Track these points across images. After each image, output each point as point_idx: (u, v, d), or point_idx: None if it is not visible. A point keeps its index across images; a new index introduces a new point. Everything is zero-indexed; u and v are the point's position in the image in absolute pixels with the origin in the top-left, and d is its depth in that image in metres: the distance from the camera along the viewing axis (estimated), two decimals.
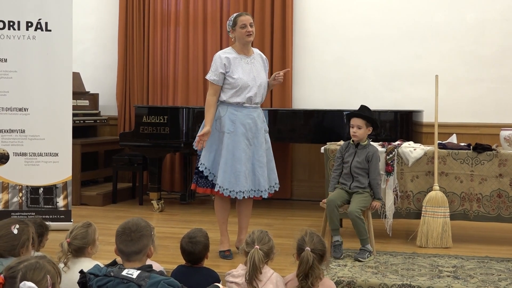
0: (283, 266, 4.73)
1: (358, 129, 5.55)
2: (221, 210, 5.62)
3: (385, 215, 6.10)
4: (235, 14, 5.61)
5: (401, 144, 6.18)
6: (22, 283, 2.53)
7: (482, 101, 8.23)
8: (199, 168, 5.52)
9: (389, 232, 6.11)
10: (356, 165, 5.56)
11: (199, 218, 7.31)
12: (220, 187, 5.39)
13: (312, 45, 8.80)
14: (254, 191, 5.50)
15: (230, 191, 5.39)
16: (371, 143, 5.73)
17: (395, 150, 6.05)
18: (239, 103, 5.49)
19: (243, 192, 5.41)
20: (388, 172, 6.01)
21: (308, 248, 3.75)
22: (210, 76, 5.50)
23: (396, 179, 6.06)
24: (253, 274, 3.70)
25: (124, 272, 3.08)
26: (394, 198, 6.08)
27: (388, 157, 6.03)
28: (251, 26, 5.51)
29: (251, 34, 5.52)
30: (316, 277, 3.73)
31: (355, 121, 5.57)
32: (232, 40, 5.67)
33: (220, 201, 5.58)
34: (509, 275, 4.89)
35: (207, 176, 5.49)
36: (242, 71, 5.51)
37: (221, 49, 8.86)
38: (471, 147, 6.15)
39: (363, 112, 5.59)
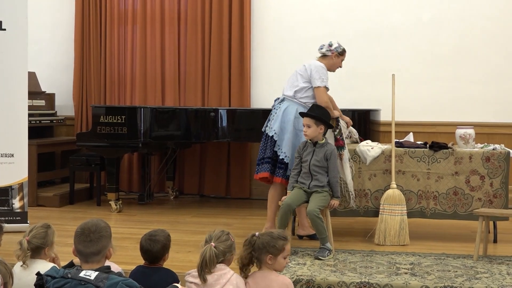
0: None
1: (308, 128, 5.60)
2: (278, 199, 5.89)
3: (348, 190, 6.04)
4: (343, 46, 6.22)
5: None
6: None
7: (438, 99, 8.34)
8: (284, 160, 5.93)
9: (354, 206, 6.11)
10: (315, 163, 5.59)
11: (158, 219, 7.28)
12: None
13: (270, 45, 8.82)
14: None
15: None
16: (329, 142, 5.77)
17: (339, 124, 6.00)
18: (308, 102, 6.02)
19: None
20: (341, 146, 5.92)
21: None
22: (325, 84, 5.99)
23: (348, 153, 6.04)
24: (202, 271, 3.70)
25: (82, 274, 3.05)
26: (351, 171, 6.05)
27: (335, 133, 5.96)
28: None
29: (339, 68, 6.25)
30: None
31: (305, 120, 5.64)
32: (323, 58, 6.15)
33: (283, 192, 6.01)
34: (465, 272, 4.96)
35: (287, 168, 5.93)
36: None
37: (179, 48, 8.91)
38: (428, 145, 6.22)
39: (312, 111, 5.64)
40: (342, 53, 6.15)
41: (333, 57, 6.13)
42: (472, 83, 8.29)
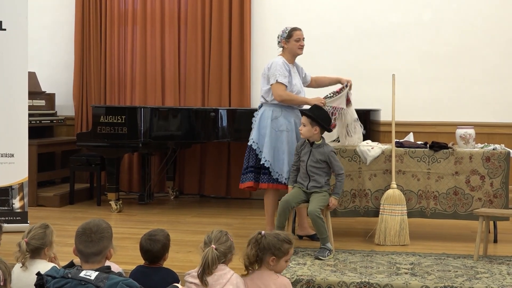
0: (243, 265, 4.73)
1: (303, 127, 5.63)
2: (275, 204, 6.01)
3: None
4: (290, 27, 6.13)
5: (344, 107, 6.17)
6: None
7: (438, 99, 8.35)
8: (265, 165, 5.93)
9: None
10: (312, 164, 5.60)
11: (158, 219, 7.28)
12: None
13: (271, 45, 8.72)
14: None
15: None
16: (327, 142, 5.77)
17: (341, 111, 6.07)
18: (293, 105, 6.06)
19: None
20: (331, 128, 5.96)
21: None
22: (282, 79, 5.95)
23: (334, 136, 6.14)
24: (203, 273, 3.70)
25: (82, 274, 3.05)
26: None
27: (333, 118, 5.98)
28: (303, 40, 6.16)
29: (302, 48, 6.17)
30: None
31: (302, 119, 5.69)
32: (282, 50, 6.17)
33: (277, 195, 6.06)
34: (465, 272, 4.96)
35: (271, 172, 5.93)
36: (296, 78, 6.14)
37: (179, 48, 8.90)
38: (428, 145, 6.22)
39: (310, 111, 5.65)
40: (289, 36, 6.10)
41: (285, 45, 6.13)
42: (472, 83, 8.30)
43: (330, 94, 6.10)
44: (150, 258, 4.02)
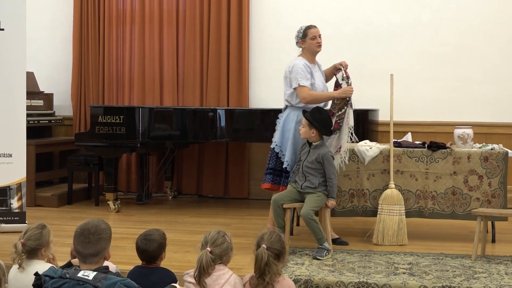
0: (241, 265, 4.73)
1: (302, 127, 5.64)
2: None
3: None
4: (304, 26, 6.09)
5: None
6: None
7: (436, 99, 8.35)
8: (287, 168, 5.89)
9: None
10: (308, 164, 5.60)
11: (156, 219, 7.28)
12: None
13: (269, 45, 8.81)
14: None
15: None
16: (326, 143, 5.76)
17: (345, 107, 5.87)
18: (320, 103, 5.95)
19: None
20: (334, 130, 5.83)
21: (264, 246, 3.76)
22: (304, 82, 5.88)
23: (341, 139, 5.92)
24: (200, 276, 3.70)
25: (80, 274, 3.04)
26: (341, 159, 5.99)
27: (337, 114, 5.89)
28: (320, 37, 6.08)
29: (320, 45, 6.09)
30: (274, 273, 3.73)
31: (302, 120, 5.68)
32: (302, 50, 6.12)
33: None
34: (463, 272, 4.96)
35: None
36: (318, 77, 6.05)
37: (177, 48, 8.90)
38: (426, 145, 6.22)
39: (311, 114, 5.63)
40: (304, 35, 6.07)
41: (303, 44, 6.10)
42: (471, 83, 8.30)
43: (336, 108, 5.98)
44: (147, 258, 4.02)
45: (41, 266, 3.73)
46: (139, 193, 8.45)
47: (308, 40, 6.04)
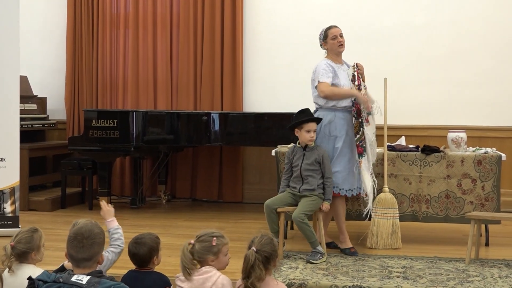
0: (234, 269, 4.72)
1: (314, 133, 5.60)
2: (343, 210, 5.94)
3: (366, 201, 5.88)
4: (325, 27, 6.09)
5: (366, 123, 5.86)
6: None
7: (430, 103, 8.35)
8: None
9: (366, 218, 6.04)
10: (306, 167, 5.58)
11: (150, 223, 7.26)
12: (346, 190, 5.80)
13: (263, 49, 8.82)
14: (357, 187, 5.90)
15: (349, 190, 5.83)
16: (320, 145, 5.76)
17: (361, 128, 5.78)
18: (345, 107, 5.86)
19: (352, 190, 5.86)
20: (359, 154, 5.74)
21: (253, 248, 3.75)
22: (324, 79, 5.83)
23: (370, 161, 5.80)
24: (183, 272, 3.75)
25: (74, 278, 3.03)
26: (373, 182, 5.86)
27: (356, 138, 5.79)
28: (341, 36, 6.07)
29: (342, 45, 6.07)
30: (256, 277, 3.68)
31: (311, 126, 5.59)
32: (326, 52, 6.11)
33: (343, 203, 5.91)
34: (457, 275, 4.97)
35: None
36: (344, 77, 5.96)
37: (171, 51, 8.90)
38: (420, 149, 6.23)
39: (313, 116, 5.63)
40: (325, 36, 6.06)
41: (325, 46, 6.10)
42: (464, 86, 8.30)
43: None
44: (139, 262, 4.01)
45: (31, 270, 3.72)
46: (133, 197, 8.44)
47: (329, 40, 6.04)
